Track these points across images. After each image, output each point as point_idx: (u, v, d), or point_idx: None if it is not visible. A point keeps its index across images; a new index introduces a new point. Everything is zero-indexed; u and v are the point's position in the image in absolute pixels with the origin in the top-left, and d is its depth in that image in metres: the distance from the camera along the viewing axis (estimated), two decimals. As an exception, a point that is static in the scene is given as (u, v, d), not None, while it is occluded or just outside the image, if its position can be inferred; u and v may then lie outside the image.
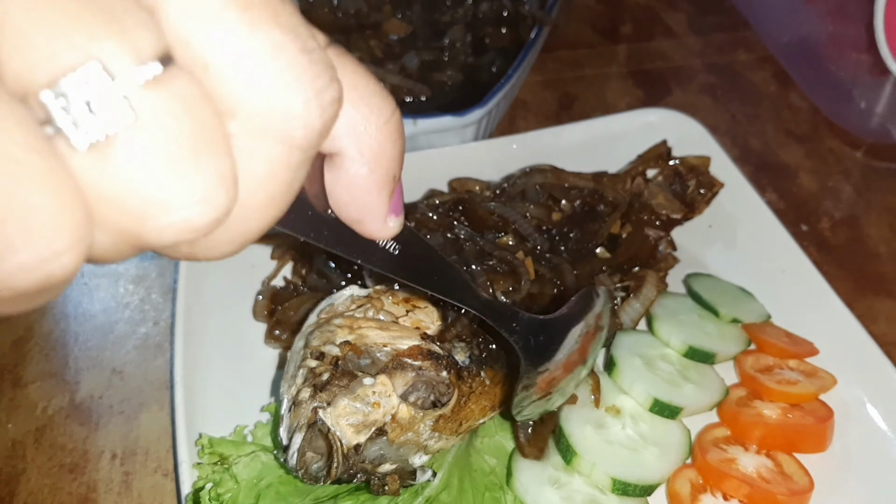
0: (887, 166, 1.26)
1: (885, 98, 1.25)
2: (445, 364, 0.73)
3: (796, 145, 1.30)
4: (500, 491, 0.77)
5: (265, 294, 0.98)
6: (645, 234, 1.03)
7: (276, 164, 0.33)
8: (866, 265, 1.10)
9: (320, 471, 0.68)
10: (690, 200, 1.09)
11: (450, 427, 0.73)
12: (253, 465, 0.77)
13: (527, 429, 0.78)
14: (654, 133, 1.15)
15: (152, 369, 0.97)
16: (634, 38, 1.57)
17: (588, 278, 0.94)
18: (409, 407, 0.70)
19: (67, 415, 0.92)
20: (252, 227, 0.35)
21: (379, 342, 0.73)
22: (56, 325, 1.02)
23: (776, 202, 1.19)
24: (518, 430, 0.78)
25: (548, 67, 1.46)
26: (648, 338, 0.91)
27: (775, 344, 0.91)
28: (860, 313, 0.92)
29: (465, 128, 1.14)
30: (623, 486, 0.76)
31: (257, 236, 0.36)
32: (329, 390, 0.68)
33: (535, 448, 0.78)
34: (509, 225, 0.96)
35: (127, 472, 0.87)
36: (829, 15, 1.31)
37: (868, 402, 0.86)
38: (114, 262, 0.34)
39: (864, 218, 1.17)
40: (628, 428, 0.82)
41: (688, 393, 0.84)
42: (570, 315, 0.71)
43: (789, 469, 0.80)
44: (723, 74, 1.46)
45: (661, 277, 0.98)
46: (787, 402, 0.85)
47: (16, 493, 0.85)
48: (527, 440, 0.78)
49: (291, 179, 0.34)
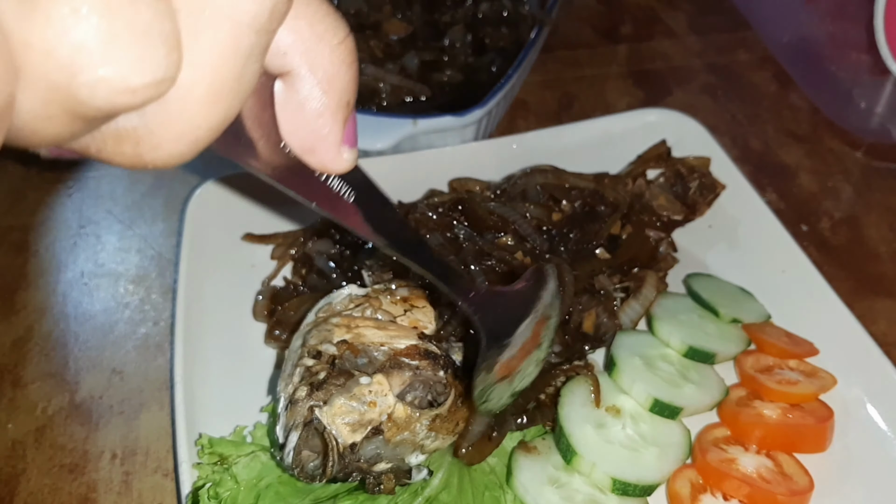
0: (887, 166, 1.26)
1: (885, 98, 1.25)
2: (443, 364, 0.73)
3: (796, 145, 1.30)
4: (499, 490, 0.77)
5: (265, 294, 0.98)
6: (645, 234, 1.03)
7: (224, 45, 0.31)
8: (866, 265, 1.10)
9: (316, 469, 0.68)
10: (692, 202, 1.09)
11: (446, 427, 0.73)
12: (253, 465, 0.77)
13: (473, 436, 0.77)
14: (654, 133, 1.15)
15: (152, 369, 0.97)
16: (634, 38, 1.57)
17: (588, 279, 0.94)
18: (406, 406, 0.70)
19: (67, 415, 0.92)
20: (198, 122, 0.32)
21: (376, 341, 0.73)
22: (56, 326, 1.02)
23: (776, 202, 1.19)
24: (465, 431, 0.77)
25: (548, 67, 1.46)
26: (648, 338, 0.91)
27: (775, 344, 0.91)
28: (860, 313, 0.92)
29: (465, 128, 1.14)
30: (623, 485, 0.76)
31: (205, 139, 0.33)
32: (325, 389, 0.68)
33: (470, 455, 0.77)
34: (509, 225, 0.96)
35: (127, 472, 0.87)
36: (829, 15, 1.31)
37: (868, 403, 0.86)
38: (52, 140, 0.30)
39: (864, 218, 1.17)
40: (628, 428, 0.82)
41: (688, 393, 0.84)
42: (526, 290, 0.66)
43: (789, 469, 0.80)
44: (723, 74, 1.46)
45: (661, 278, 0.98)
46: (787, 403, 0.85)
47: (16, 493, 0.85)
48: (468, 444, 0.77)
49: (241, 71, 0.32)
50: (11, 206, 1.20)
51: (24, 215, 1.18)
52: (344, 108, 0.40)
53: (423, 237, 0.56)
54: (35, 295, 1.07)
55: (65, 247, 1.13)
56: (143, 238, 1.14)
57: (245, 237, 1.04)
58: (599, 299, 0.92)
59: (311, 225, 1.05)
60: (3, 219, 1.18)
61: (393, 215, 0.50)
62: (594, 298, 0.91)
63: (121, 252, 1.12)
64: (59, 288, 1.07)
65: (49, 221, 1.17)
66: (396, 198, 1.07)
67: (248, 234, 1.04)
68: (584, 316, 0.90)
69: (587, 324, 0.90)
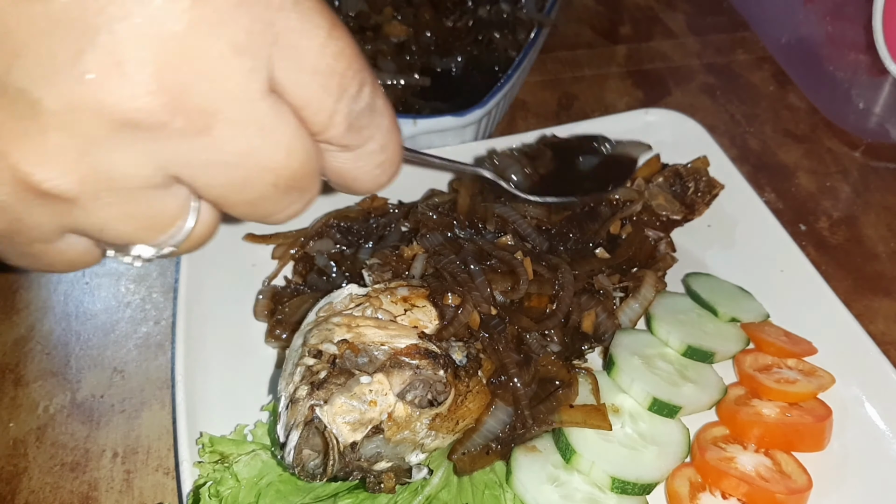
0: (885, 166, 1.26)
1: (884, 98, 1.25)
2: (443, 363, 0.73)
3: (795, 145, 1.31)
4: (499, 489, 0.78)
5: (266, 294, 0.98)
6: (644, 234, 1.03)
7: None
8: (864, 264, 1.11)
9: (317, 468, 0.68)
10: (690, 202, 1.09)
11: (446, 426, 0.74)
12: (253, 463, 0.77)
13: (473, 445, 0.77)
14: (654, 133, 1.16)
15: (153, 368, 0.97)
16: (634, 39, 1.57)
17: (587, 278, 0.94)
18: (406, 405, 0.70)
19: (69, 413, 0.93)
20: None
21: (377, 340, 0.73)
22: (57, 325, 1.03)
23: (775, 202, 1.20)
24: (467, 437, 0.77)
25: (547, 68, 1.47)
26: (647, 337, 0.92)
27: (774, 343, 0.91)
28: (858, 312, 0.93)
29: (465, 128, 1.14)
30: (622, 484, 0.76)
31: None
32: (326, 388, 0.69)
33: (461, 462, 0.78)
34: (509, 225, 0.96)
35: (128, 471, 0.87)
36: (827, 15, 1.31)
37: (866, 401, 0.86)
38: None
39: (862, 217, 1.18)
40: (627, 427, 0.82)
41: (687, 392, 0.85)
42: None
43: (788, 468, 0.80)
44: (722, 75, 1.47)
45: (660, 277, 0.98)
46: (786, 401, 0.85)
47: (17, 491, 0.85)
48: (464, 451, 0.77)
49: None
50: (12, 206, 1.20)
51: (25, 215, 1.18)
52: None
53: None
54: (36, 294, 1.07)
55: (66, 246, 1.13)
56: (144, 238, 1.14)
57: (246, 237, 1.05)
58: (599, 299, 0.92)
59: (312, 225, 1.05)
60: (5, 218, 1.18)
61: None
62: (593, 298, 0.92)
63: (122, 252, 1.13)
64: (61, 287, 1.08)
65: (50, 221, 1.17)
66: (396, 198, 1.07)
67: (249, 234, 1.05)
68: (584, 315, 0.90)
69: (586, 323, 0.90)
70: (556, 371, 0.83)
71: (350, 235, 1.02)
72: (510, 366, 0.79)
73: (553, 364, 0.83)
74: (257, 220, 0.49)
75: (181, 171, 0.43)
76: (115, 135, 0.40)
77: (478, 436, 0.77)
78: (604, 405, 0.82)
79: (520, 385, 0.78)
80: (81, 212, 0.43)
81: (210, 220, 0.48)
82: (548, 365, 0.83)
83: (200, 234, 0.48)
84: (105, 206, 0.42)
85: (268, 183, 0.45)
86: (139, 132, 0.40)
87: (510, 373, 0.78)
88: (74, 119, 0.39)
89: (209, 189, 0.44)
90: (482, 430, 0.77)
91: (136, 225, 0.44)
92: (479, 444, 0.78)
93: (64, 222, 0.43)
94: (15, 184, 0.40)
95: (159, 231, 0.45)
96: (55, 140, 0.39)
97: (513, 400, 0.78)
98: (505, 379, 0.78)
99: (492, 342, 0.79)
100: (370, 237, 1.01)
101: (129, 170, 0.41)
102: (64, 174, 0.40)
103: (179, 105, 0.39)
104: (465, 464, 0.78)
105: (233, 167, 0.43)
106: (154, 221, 0.45)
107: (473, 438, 0.77)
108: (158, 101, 0.39)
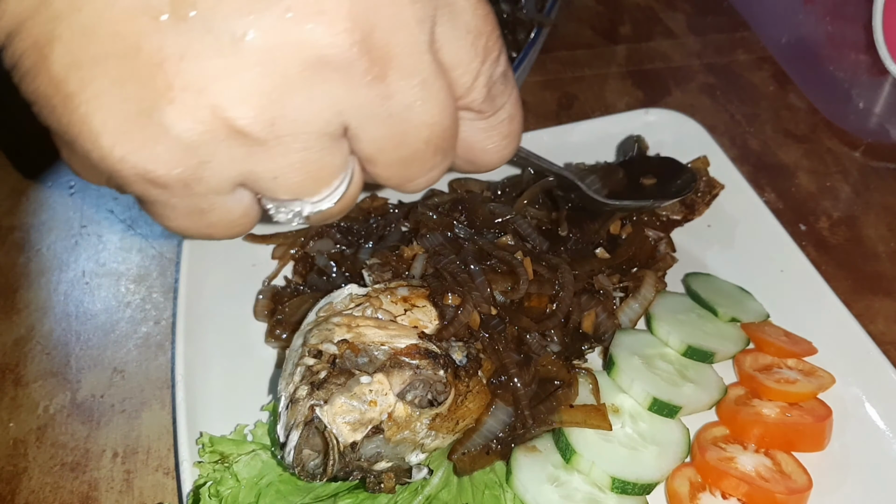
0: (885, 166, 1.26)
1: (884, 98, 1.25)
2: (443, 363, 0.73)
3: (795, 145, 1.31)
4: (499, 489, 0.78)
5: (266, 294, 0.98)
6: (644, 234, 1.03)
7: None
8: (864, 265, 1.11)
9: (317, 468, 0.68)
10: (690, 202, 1.09)
11: (446, 426, 0.74)
12: (253, 463, 0.77)
13: (473, 444, 0.78)
14: (654, 133, 1.16)
15: (153, 368, 0.97)
16: (633, 39, 1.57)
17: (587, 278, 0.94)
18: (406, 405, 0.70)
19: (69, 413, 0.93)
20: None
21: (377, 340, 0.73)
22: (58, 325, 1.03)
23: (775, 202, 1.20)
24: (467, 437, 0.77)
25: (547, 68, 1.47)
26: (647, 337, 0.92)
27: (774, 343, 0.91)
28: (858, 312, 0.93)
29: (464, 128, 1.14)
30: (622, 484, 0.76)
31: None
32: (326, 388, 0.69)
33: (461, 462, 0.78)
34: (509, 225, 0.96)
35: (128, 471, 0.87)
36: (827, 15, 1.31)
37: (866, 401, 0.86)
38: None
39: (862, 217, 1.18)
40: (627, 427, 0.82)
41: (687, 392, 0.85)
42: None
43: (788, 468, 0.80)
44: (722, 75, 1.47)
45: (660, 277, 0.98)
46: (786, 401, 0.85)
47: (17, 491, 0.85)
48: (464, 451, 0.77)
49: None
50: (13, 206, 1.20)
51: (25, 215, 1.18)
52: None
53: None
54: (37, 294, 1.07)
55: (66, 246, 1.14)
56: (145, 237, 1.15)
57: (246, 237, 1.05)
58: (599, 299, 0.92)
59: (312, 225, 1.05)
60: (5, 218, 1.18)
61: None
62: (593, 298, 0.92)
63: (122, 251, 1.13)
64: (61, 287, 1.08)
65: (51, 221, 1.17)
66: (396, 197, 1.07)
67: (249, 234, 1.05)
68: (584, 315, 0.90)
69: (586, 323, 0.90)
70: (556, 371, 0.83)
71: (350, 235, 1.02)
72: (510, 366, 0.79)
73: (553, 364, 0.83)
74: (400, 182, 0.50)
75: (353, 119, 0.44)
76: (307, 75, 0.41)
77: (478, 436, 0.77)
78: (604, 405, 0.82)
79: (520, 385, 0.78)
80: (263, 156, 0.44)
81: (359, 184, 0.50)
82: (548, 365, 0.83)
83: (351, 196, 0.49)
84: (285, 151, 0.44)
85: (422, 139, 0.46)
86: (327, 73, 0.41)
87: (510, 373, 0.78)
88: (273, 57, 0.40)
89: (371, 143, 0.46)
90: (482, 430, 0.77)
91: (305, 175, 0.45)
92: (479, 444, 0.78)
93: (243, 168, 0.44)
94: (212, 121, 0.41)
95: (323, 184, 0.47)
96: (251, 78, 0.40)
97: (513, 400, 0.78)
98: (505, 379, 0.78)
99: (492, 342, 0.79)
100: (370, 237, 1.01)
101: (312, 115, 0.43)
102: (257, 113, 0.41)
103: (366, 46, 0.41)
104: (465, 464, 0.78)
105: (396, 120, 0.44)
106: (321, 174, 0.46)
107: (473, 438, 0.77)
108: (351, 39, 0.40)
